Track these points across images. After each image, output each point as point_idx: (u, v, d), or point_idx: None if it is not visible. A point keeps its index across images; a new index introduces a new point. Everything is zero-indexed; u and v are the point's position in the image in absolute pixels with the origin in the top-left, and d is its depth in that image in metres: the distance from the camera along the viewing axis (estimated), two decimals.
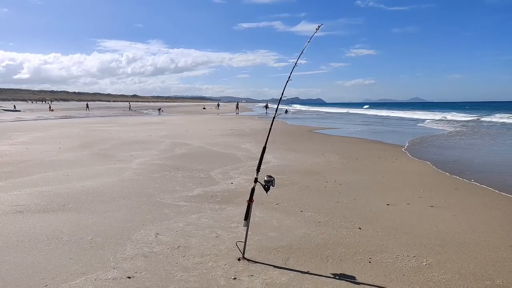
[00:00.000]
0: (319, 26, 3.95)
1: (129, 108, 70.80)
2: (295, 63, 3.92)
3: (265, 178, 3.93)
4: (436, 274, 3.69)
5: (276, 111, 4.17)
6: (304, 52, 3.94)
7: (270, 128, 4.11)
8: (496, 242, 4.59)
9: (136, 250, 4.17)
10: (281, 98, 4.07)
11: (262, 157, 4.05)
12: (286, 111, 62.57)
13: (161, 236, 4.62)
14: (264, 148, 4.01)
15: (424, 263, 3.95)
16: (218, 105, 76.55)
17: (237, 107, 54.52)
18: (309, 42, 3.98)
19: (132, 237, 4.57)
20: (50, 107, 62.78)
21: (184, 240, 4.51)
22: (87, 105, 69.06)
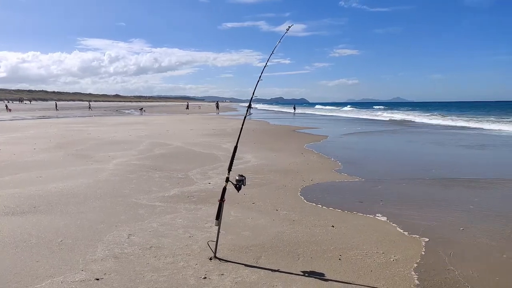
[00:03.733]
0: (289, 27, 3.99)
1: (89, 107, 66.40)
2: (266, 64, 3.95)
3: (237, 178, 3.97)
4: (402, 269, 3.78)
5: (247, 111, 4.19)
6: (274, 52, 3.97)
7: (241, 128, 4.13)
8: (461, 236, 4.73)
9: (107, 251, 4.12)
10: (252, 98, 4.10)
11: (234, 157, 4.07)
12: (294, 108, 63.30)
13: (134, 237, 4.58)
14: (236, 147, 4.03)
15: (392, 259, 4.04)
16: (188, 105, 73.79)
17: (217, 107, 54.10)
18: (280, 42, 4.01)
19: (103, 238, 4.52)
20: (7, 106, 54.65)
21: (156, 240, 4.49)
22: (56, 104, 66.22)
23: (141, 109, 59.45)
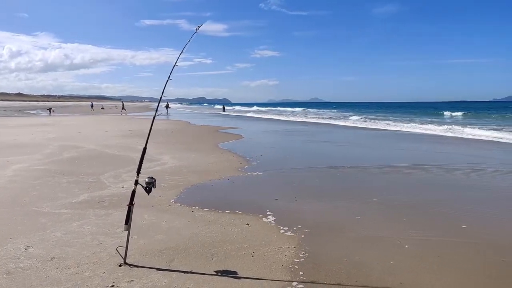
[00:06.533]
0: (198, 27, 3.99)
1: None
2: (175, 63, 3.90)
3: (146, 180, 3.86)
4: (301, 263, 3.99)
5: (156, 110, 4.10)
6: (184, 51, 3.94)
7: (150, 128, 4.03)
8: (363, 227, 5.17)
9: None
10: (161, 97, 4.02)
11: (143, 158, 3.95)
12: (224, 109, 63.24)
13: (32, 249, 4.18)
14: (144, 149, 3.92)
15: (301, 253, 4.25)
16: (92, 105, 67.49)
17: (122, 108, 51.72)
18: (190, 42, 3.99)
19: None
20: None
21: (60, 250, 4.16)
22: None
23: (50, 109, 54.39)
